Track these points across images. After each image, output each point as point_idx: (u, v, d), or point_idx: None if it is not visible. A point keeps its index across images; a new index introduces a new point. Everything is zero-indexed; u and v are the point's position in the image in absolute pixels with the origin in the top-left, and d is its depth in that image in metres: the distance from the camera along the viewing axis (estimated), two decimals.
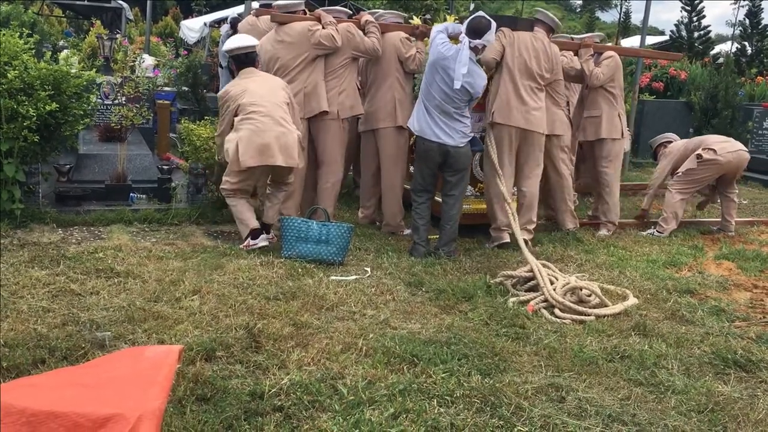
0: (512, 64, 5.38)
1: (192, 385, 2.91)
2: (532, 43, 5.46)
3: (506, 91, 5.37)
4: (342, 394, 2.94)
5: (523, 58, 5.40)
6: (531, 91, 5.43)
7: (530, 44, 5.45)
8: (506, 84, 5.38)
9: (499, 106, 5.37)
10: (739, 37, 25.21)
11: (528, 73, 5.42)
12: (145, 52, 9.05)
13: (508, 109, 5.36)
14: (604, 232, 6.23)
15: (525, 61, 5.40)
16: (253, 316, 3.69)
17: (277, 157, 4.72)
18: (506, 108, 5.36)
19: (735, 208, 6.64)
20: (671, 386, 3.25)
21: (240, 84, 4.92)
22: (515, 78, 5.38)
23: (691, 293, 4.70)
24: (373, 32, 5.44)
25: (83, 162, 6.05)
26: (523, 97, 5.37)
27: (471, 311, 4.08)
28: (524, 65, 5.40)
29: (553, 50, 5.59)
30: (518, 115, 5.35)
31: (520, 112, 5.37)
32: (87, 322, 3.48)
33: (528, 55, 5.41)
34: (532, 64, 5.42)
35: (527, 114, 5.38)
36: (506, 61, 5.39)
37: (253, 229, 4.90)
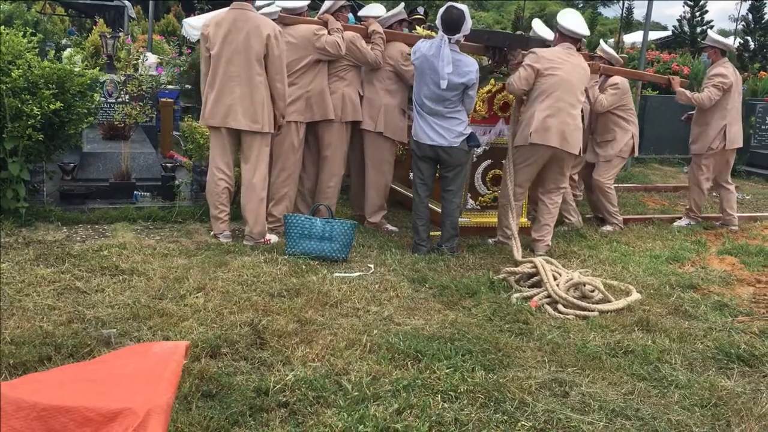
0: (548, 83, 5.12)
1: (197, 381, 2.93)
2: (567, 59, 5.18)
3: (543, 110, 5.12)
4: (346, 390, 2.96)
5: (558, 77, 5.11)
6: (570, 109, 5.18)
7: (565, 60, 5.17)
8: (543, 103, 5.12)
9: (537, 128, 5.10)
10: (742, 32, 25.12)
11: (568, 91, 5.15)
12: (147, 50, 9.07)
13: (544, 130, 5.11)
14: (609, 228, 6.24)
15: (562, 79, 5.12)
16: (257, 313, 3.71)
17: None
18: (542, 129, 5.11)
19: (735, 200, 6.64)
20: (674, 381, 3.26)
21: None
22: (553, 96, 5.12)
23: (694, 288, 4.71)
24: (378, 44, 5.42)
25: (87, 160, 6.07)
26: (562, 116, 5.13)
27: (474, 307, 4.09)
28: (562, 83, 5.12)
29: (587, 68, 5.37)
30: (556, 137, 5.12)
31: (558, 132, 5.13)
32: (92, 320, 3.50)
33: (565, 71, 5.13)
34: (572, 80, 5.15)
35: (566, 134, 5.14)
36: (542, 82, 5.12)
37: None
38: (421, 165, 5.18)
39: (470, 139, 5.11)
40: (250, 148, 4.98)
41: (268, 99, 4.95)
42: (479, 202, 5.84)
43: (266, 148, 5.03)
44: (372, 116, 5.53)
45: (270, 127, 4.97)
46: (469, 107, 5.08)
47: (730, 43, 6.78)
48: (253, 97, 4.88)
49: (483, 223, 5.80)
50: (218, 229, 5.10)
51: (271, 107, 4.98)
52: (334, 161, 5.50)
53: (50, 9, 19.81)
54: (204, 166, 5.71)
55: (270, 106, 4.96)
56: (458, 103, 5.01)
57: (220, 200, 5.09)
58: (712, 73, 6.39)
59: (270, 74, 4.92)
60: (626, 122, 6.19)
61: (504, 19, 49.43)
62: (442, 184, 5.21)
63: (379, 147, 5.61)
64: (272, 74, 4.92)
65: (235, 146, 5.10)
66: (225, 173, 5.08)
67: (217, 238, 5.06)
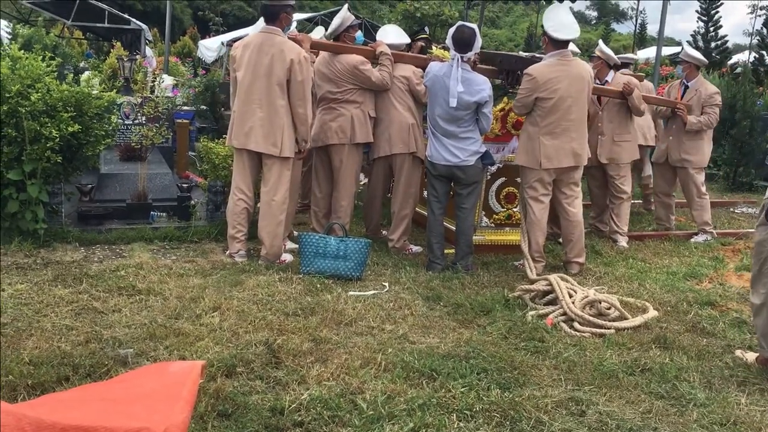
0: (549, 105, 5.04)
1: (213, 401, 2.93)
2: (565, 72, 5.07)
3: (548, 135, 5.07)
4: (361, 409, 2.96)
5: (558, 96, 5.02)
6: (575, 125, 5.12)
7: (563, 74, 5.06)
8: (547, 127, 5.08)
9: (547, 154, 5.06)
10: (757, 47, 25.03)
11: (569, 108, 5.07)
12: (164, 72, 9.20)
13: (554, 154, 5.07)
14: (624, 243, 6.23)
15: (561, 98, 5.03)
16: (272, 332, 3.72)
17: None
18: (553, 154, 5.08)
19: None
20: (693, 399, 3.23)
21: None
22: (556, 118, 5.06)
23: (712, 305, 4.67)
24: (386, 66, 5.46)
25: (104, 181, 6.15)
26: (569, 135, 5.09)
27: (489, 325, 4.08)
28: (562, 103, 5.04)
29: (587, 70, 5.28)
30: (566, 158, 5.11)
31: (567, 152, 5.12)
32: (109, 340, 3.53)
33: (564, 87, 5.03)
34: (572, 95, 5.06)
35: (575, 150, 5.14)
36: (542, 106, 5.06)
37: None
38: (435, 183, 5.20)
39: (485, 157, 5.12)
40: (270, 171, 5.03)
41: (289, 123, 4.98)
42: (493, 220, 5.84)
43: (287, 171, 5.06)
44: (403, 139, 5.51)
45: (290, 151, 5.00)
46: (486, 126, 5.06)
47: (704, 58, 6.88)
48: (273, 121, 4.93)
49: (497, 241, 5.80)
50: (234, 249, 5.13)
51: (292, 132, 5.02)
52: (346, 181, 5.53)
53: (69, 33, 20.17)
54: (219, 187, 5.77)
55: (291, 131, 5.00)
56: (472, 123, 5.02)
57: (239, 220, 5.14)
58: (710, 93, 6.51)
59: (292, 99, 4.95)
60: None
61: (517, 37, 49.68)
62: (457, 202, 5.22)
63: (412, 169, 5.61)
64: (294, 99, 4.95)
65: (255, 168, 5.16)
66: (245, 194, 5.14)
67: (232, 257, 5.09)
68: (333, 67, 5.39)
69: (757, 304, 3.60)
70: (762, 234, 3.56)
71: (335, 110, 5.42)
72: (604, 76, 6.43)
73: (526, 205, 5.27)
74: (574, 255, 5.34)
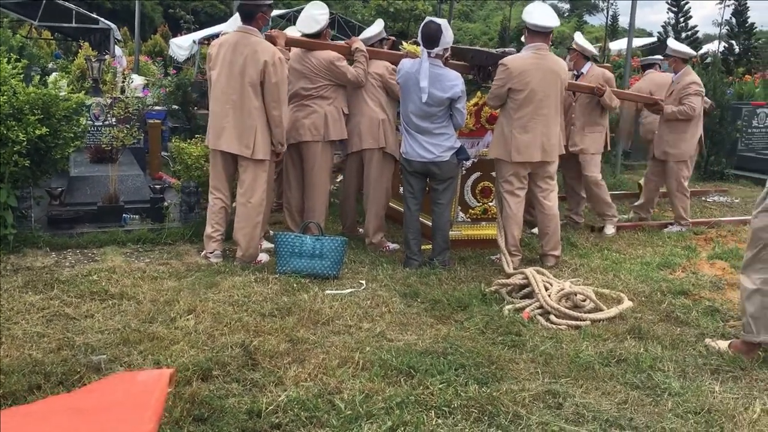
0: (521, 98, 5.05)
1: (189, 405, 2.90)
2: (539, 65, 5.07)
3: (521, 128, 5.09)
4: (339, 409, 2.94)
5: (530, 89, 5.01)
6: (547, 120, 5.13)
7: (536, 66, 5.06)
8: (519, 120, 5.08)
9: (518, 147, 5.08)
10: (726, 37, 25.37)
11: (542, 102, 5.07)
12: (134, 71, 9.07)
13: (525, 147, 5.08)
14: (611, 230, 6.41)
15: (533, 91, 5.03)
16: (248, 334, 3.69)
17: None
18: (523, 147, 5.08)
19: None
20: (667, 388, 3.26)
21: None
22: (528, 111, 5.07)
23: (686, 294, 4.72)
24: (361, 62, 5.43)
25: (75, 184, 6.05)
26: (540, 129, 5.10)
27: (467, 320, 4.08)
28: (535, 95, 5.04)
29: (562, 66, 5.29)
30: (537, 151, 5.12)
31: (538, 146, 5.11)
32: (82, 346, 3.47)
33: (537, 81, 5.03)
34: (545, 89, 5.07)
35: (545, 146, 5.13)
36: (515, 98, 5.07)
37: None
38: (410, 179, 5.19)
39: (460, 152, 5.12)
40: (245, 172, 4.99)
41: (263, 125, 4.92)
42: (469, 215, 5.84)
43: (263, 173, 5.00)
44: (373, 134, 5.52)
45: (264, 153, 4.95)
46: (461, 120, 5.06)
47: (690, 50, 6.93)
48: (246, 122, 4.88)
49: (474, 236, 5.81)
50: (210, 248, 5.09)
51: (267, 134, 4.96)
52: (320, 179, 5.49)
53: (37, 33, 19.83)
54: (192, 187, 5.71)
55: (265, 133, 4.94)
56: (445, 119, 5.01)
57: (216, 219, 5.10)
58: (686, 83, 6.51)
59: (266, 101, 4.89)
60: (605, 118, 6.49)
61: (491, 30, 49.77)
62: (433, 198, 5.21)
63: (382, 164, 5.61)
64: (268, 101, 4.89)
65: (230, 169, 5.11)
66: (222, 193, 5.11)
67: (207, 258, 5.04)
68: (307, 63, 5.35)
69: (750, 289, 3.63)
70: (764, 221, 3.59)
71: (308, 107, 5.38)
72: (580, 67, 6.53)
73: (501, 200, 5.29)
74: (550, 248, 5.37)
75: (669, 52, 6.77)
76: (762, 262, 3.59)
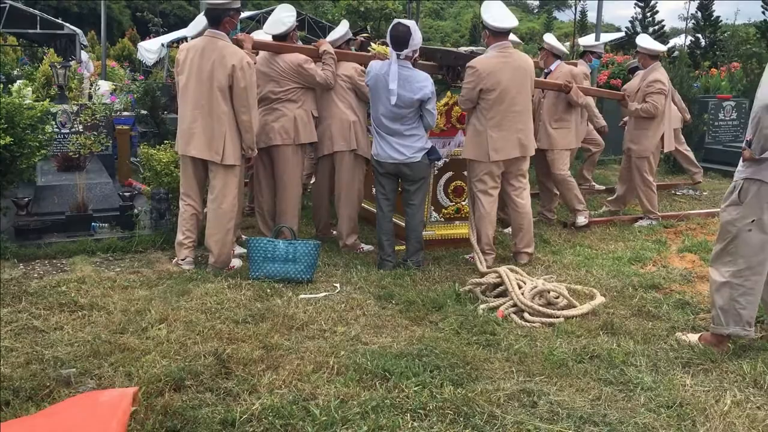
0: (492, 98, 5.08)
1: (161, 417, 2.86)
2: (505, 64, 5.10)
3: (495, 127, 5.12)
4: (314, 416, 2.92)
5: (501, 88, 5.06)
6: (520, 116, 5.17)
7: (503, 65, 5.09)
8: (492, 120, 5.12)
9: (495, 147, 5.11)
10: (693, 30, 25.74)
11: (513, 100, 5.11)
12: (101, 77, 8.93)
13: (502, 146, 5.12)
14: (583, 219, 6.50)
15: (504, 89, 5.07)
16: (222, 342, 3.65)
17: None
18: (500, 146, 5.12)
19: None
20: (640, 383, 3.29)
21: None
22: (501, 111, 5.10)
23: (657, 288, 4.78)
24: (329, 65, 5.41)
25: (42, 194, 5.94)
26: (515, 126, 5.14)
27: (441, 321, 4.09)
28: (505, 94, 5.08)
29: (528, 62, 5.32)
30: (514, 148, 5.16)
31: (514, 142, 5.16)
32: (51, 360, 3.40)
33: (506, 80, 5.07)
34: (515, 87, 5.11)
35: (522, 141, 5.19)
36: (486, 99, 5.10)
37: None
38: (383, 181, 5.18)
39: (431, 152, 5.12)
40: (215, 178, 4.94)
41: (233, 130, 4.87)
42: (443, 215, 5.86)
43: (234, 179, 4.96)
44: (344, 136, 5.50)
45: (234, 159, 4.90)
46: (431, 122, 5.04)
47: (660, 47, 7.00)
48: (215, 127, 4.83)
49: (447, 235, 5.82)
50: (182, 255, 5.03)
51: (237, 139, 4.91)
52: (291, 183, 5.46)
53: (2, 40, 19.48)
54: (163, 194, 5.64)
55: (235, 138, 4.89)
56: (416, 120, 5.01)
57: (187, 226, 5.05)
58: (650, 80, 6.59)
59: (235, 106, 4.84)
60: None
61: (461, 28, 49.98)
62: (405, 199, 5.21)
63: (353, 166, 5.59)
64: (237, 106, 4.84)
65: (200, 175, 5.06)
66: (193, 199, 5.05)
67: (179, 265, 4.99)
68: (275, 66, 5.32)
69: (719, 282, 3.68)
70: (732, 214, 3.63)
71: (277, 110, 5.34)
72: (549, 65, 6.69)
73: (475, 199, 5.30)
74: (523, 245, 5.40)
75: (639, 49, 6.87)
76: (730, 254, 3.65)
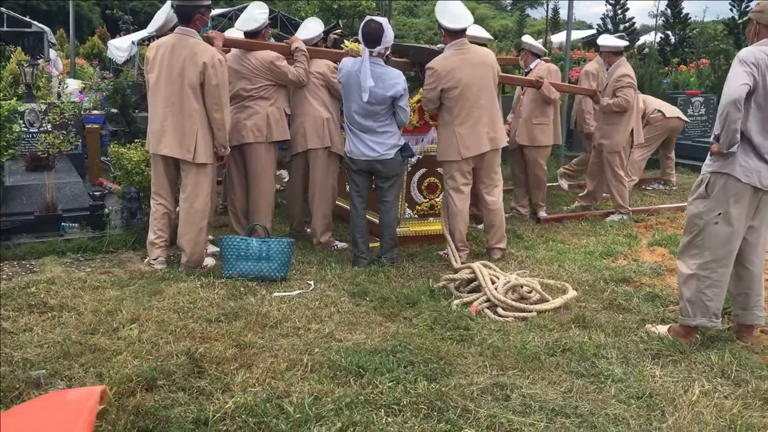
0: (455, 96, 5.10)
1: (133, 417, 2.83)
2: (463, 61, 5.12)
3: (462, 125, 5.13)
4: (288, 413, 2.92)
5: (462, 86, 5.08)
6: (486, 111, 5.19)
7: (462, 63, 5.11)
8: (458, 117, 5.13)
9: (466, 144, 5.12)
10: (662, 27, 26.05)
11: (476, 95, 5.13)
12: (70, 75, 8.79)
13: (472, 142, 5.14)
14: (543, 213, 6.74)
15: (466, 86, 5.09)
16: (194, 341, 3.63)
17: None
18: (470, 143, 5.14)
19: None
20: (611, 375, 3.34)
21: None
22: (465, 108, 5.12)
23: (627, 281, 4.84)
24: (302, 62, 5.39)
25: (10, 194, 5.84)
26: (483, 121, 5.16)
27: (415, 317, 4.10)
28: (468, 91, 5.10)
29: (489, 56, 5.35)
30: (484, 143, 5.18)
31: (484, 137, 5.17)
32: (20, 361, 3.35)
33: (466, 76, 5.09)
34: (477, 83, 5.13)
35: (491, 135, 5.20)
36: (448, 98, 5.11)
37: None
38: (356, 178, 5.18)
39: (404, 149, 5.13)
40: (187, 176, 4.89)
41: (205, 128, 4.83)
42: (416, 211, 5.87)
43: (206, 177, 4.92)
44: (318, 134, 5.48)
45: (206, 157, 4.85)
46: (404, 118, 5.06)
47: (621, 43, 7.15)
48: (186, 125, 4.78)
49: (421, 232, 5.84)
50: (153, 255, 4.98)
51: (209, 137, 4.87)
52: (264, 181, 5.43)
53: None
54: (134, 193, 5.58)
55: (207, 136, 4.85)
56: (389, 117, 5.02)
57: (159, 225, 5.00)
58: (618, 75, 6.70)
59: (207, 104, 4.80)
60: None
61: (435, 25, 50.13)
62: (378, 196, 5.21)
63: (326, 164, 5.57)
64: (209, 104, 4.80)
65: (172, 173, 5.01)
66: (164, 198, 5.00)
67: (151, 265, 4.94)
68: (247, 63, 5.29)
69: (686, 274, 3.74)
70: (699, 207, 3.69)
71: (249, 108, 5.31)
72: (529, 63, 6.80)
73: (447, 197, 5.33)
74: (495, 241, 5.44)
75: (600, 48, 7.01)
76: (697, 247, 3.71)
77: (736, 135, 3.49)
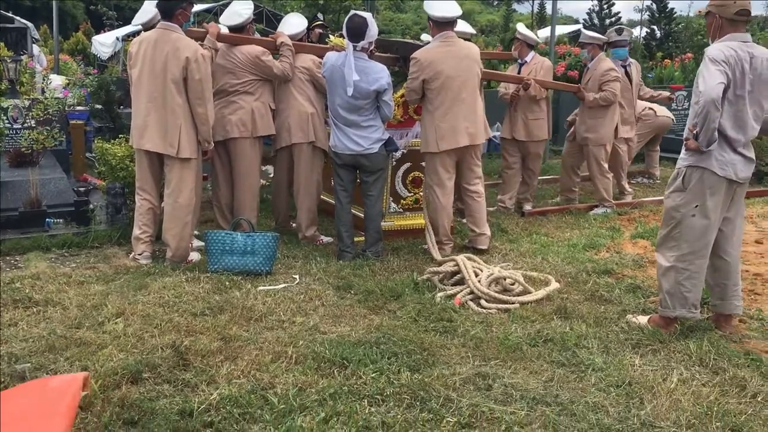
0: (437, 87, 5.14)
1: (118, 409, 2.85)
2: (448, 54, 5.16)
3: (442, 117, 5.17)
4: (272, 404, 2.95)
5: (444, 77, 5.11)
6: (467, 104, 5.21)
7: (446, 55, 5.15)
8: (439, 109, 5.17)
9: (444, 135, 5.16)
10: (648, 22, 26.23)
11: (458, 88, 5.16)
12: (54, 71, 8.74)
13: (451, 135, 5.17)
14: (529, 207, 6.87)
15: (449, 78, 5.12)
16: (180, 334, 3.65)
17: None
18: (449, 135, 5.17)
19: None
20: (591, 364, 3.39)
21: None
22: (446, 100, 5.15)
23: (609, 273, 4.90)
24: (287, 57, 5.40)
25: None
26: (462, 114, 5.19)
27: (400, 309, 4.14)
28: (450, 83, 5.13)
29: (474, 51, 5.38)
30: (462, 137, 5.21)
31: (463, 131, 5.20)
32: (5, 356, 3.36)
33: (449, 69, 5.12)
34: (460, 75, 5.16)
35: (470, 130, 5.23)
36: (431, 89, 5.15)
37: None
38: (341, 172, 5.21)
39: (388, 143, 5.16)
40: (171, 171, 4.90)
41: (188, 123, 4.84)
42: (401, 205, 5.91)
43: (190, 172, 4.92)
44: (302, 128, 5.50)
45: (190, 152, 4.86)
46: (388, 113, 5.09)
47: (603, 36, 7.26)
48: (170, 120, 4.79)
49: (406, 226, 5.87)
50: (139, 250, 4.99)
51: (192, 132, 4.88)
52: (249, 176, 5.45)
53: None
54: (118, 188, 5.58)
55: (190, 131, 4.86)
56: (373, 111, 5.04)
57: (143, 220, 5.01)
58: (604, 70, 6.75)
59: (190, 98, 4.82)
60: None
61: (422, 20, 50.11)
62: (363, 190, 5.24)
63: (311, 158, 5.60)
64: (192, 98, 4.82)
65: (156, 168, 5.02)
66: (148, 193, 5.01)
67: (136, 260, 4.95)
68: (233, 58, 5.29)
69: (665, 266, 3.79)
70: (676, 200, 3.74)
71: (234, 103, 5.33)
72: (524, 56, 6.82)
73: (430, 191, 5.36)
74: (481, 228, 5.49)
75: (583, 40, 7.05)
76: (675, 240, 3.77)
77: (715, 134, 3.54)
